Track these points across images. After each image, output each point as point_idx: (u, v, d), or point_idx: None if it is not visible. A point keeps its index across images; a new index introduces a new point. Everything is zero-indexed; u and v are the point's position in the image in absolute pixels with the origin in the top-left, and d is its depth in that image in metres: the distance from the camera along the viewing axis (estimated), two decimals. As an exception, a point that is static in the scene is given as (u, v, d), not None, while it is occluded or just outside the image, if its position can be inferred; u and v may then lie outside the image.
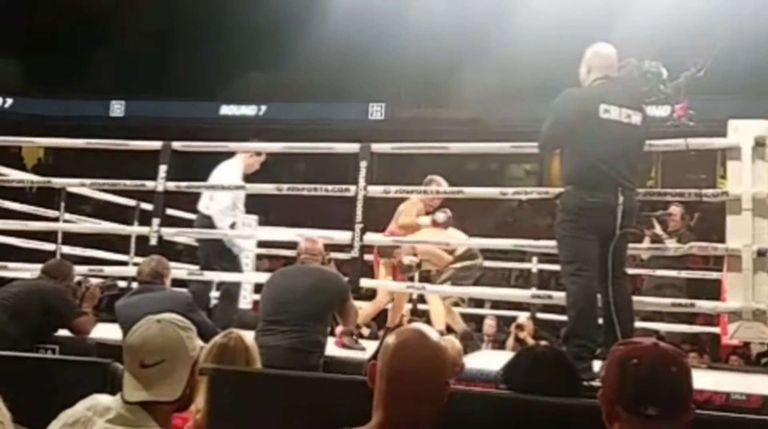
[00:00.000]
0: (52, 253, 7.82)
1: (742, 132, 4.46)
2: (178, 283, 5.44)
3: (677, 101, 4.38)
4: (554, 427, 2.11)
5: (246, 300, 8.33)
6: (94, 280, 5.51)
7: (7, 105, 22.16)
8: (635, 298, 4.48)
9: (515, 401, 2.31)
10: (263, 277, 5.20)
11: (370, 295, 6.30)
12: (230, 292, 6.15)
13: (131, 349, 2.10)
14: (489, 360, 4.60)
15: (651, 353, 1.79)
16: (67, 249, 8.00)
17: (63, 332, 4.93)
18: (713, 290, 6.77)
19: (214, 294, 6.59)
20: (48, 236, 8.03)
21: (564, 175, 4.13)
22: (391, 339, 1.91)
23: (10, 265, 6.41)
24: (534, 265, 8.85)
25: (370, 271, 6.13)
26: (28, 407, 2.09)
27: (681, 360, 1.80)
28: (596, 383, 2.16)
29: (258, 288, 6.18)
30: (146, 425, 1.96)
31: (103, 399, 2.02)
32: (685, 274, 7.53)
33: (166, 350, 2.07)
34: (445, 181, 5.89)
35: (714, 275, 7.39)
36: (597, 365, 3.81)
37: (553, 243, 4.28)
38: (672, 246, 6.10)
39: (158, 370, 2.05)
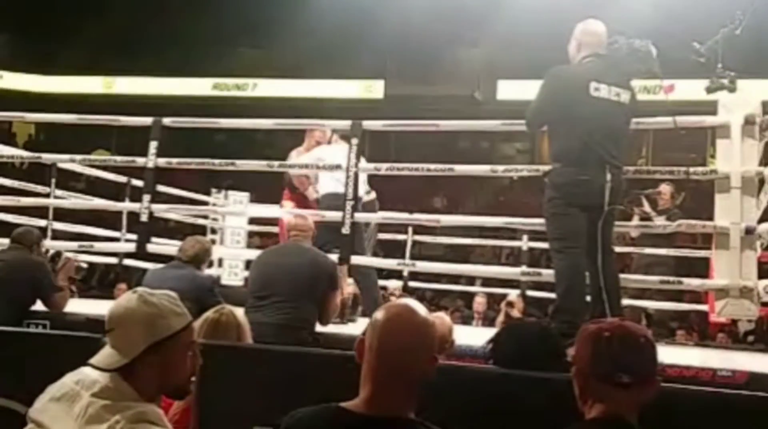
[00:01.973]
0: (44, 229, 7.82)
1: (732, 110, 4.47)
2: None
3: (715, 63, 4.36)
4: (540, 401, 2.14)
5: (237, 277, 8.37)
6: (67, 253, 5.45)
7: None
8: (623, 275, 4.50)
9: (501, 376, 2.34)
10: (254, 254, 5.20)
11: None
12: None
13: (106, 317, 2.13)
14: (479, 337, 4.62)
15: (620, 327, 1.96)
16: (58, 225, 7.99)
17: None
18: (702, 269, 6.81)
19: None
20: (39, 212, 8.02)
21: (552, 153, 4.12)
22: (379, 314, 1.92)
23: (1, 240, 6.40)
24: (524, 243, 8.88)
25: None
26: (17, 381, 2.11)
27: (646, 333, 2.00)
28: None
29: (249, 265, 6.17)
30: (131, 399, 1.96)
31: (90, 373, 2.02)
32: (673, 252, 7.57)
33: (120, 319, 2.07)
34: (328, 130, 6.01)
35: (702, 253, 7.44)
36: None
37: (543, 221, 4.29)
38: (661, 224, 6.12)
39: (111, 336, 2.07)
